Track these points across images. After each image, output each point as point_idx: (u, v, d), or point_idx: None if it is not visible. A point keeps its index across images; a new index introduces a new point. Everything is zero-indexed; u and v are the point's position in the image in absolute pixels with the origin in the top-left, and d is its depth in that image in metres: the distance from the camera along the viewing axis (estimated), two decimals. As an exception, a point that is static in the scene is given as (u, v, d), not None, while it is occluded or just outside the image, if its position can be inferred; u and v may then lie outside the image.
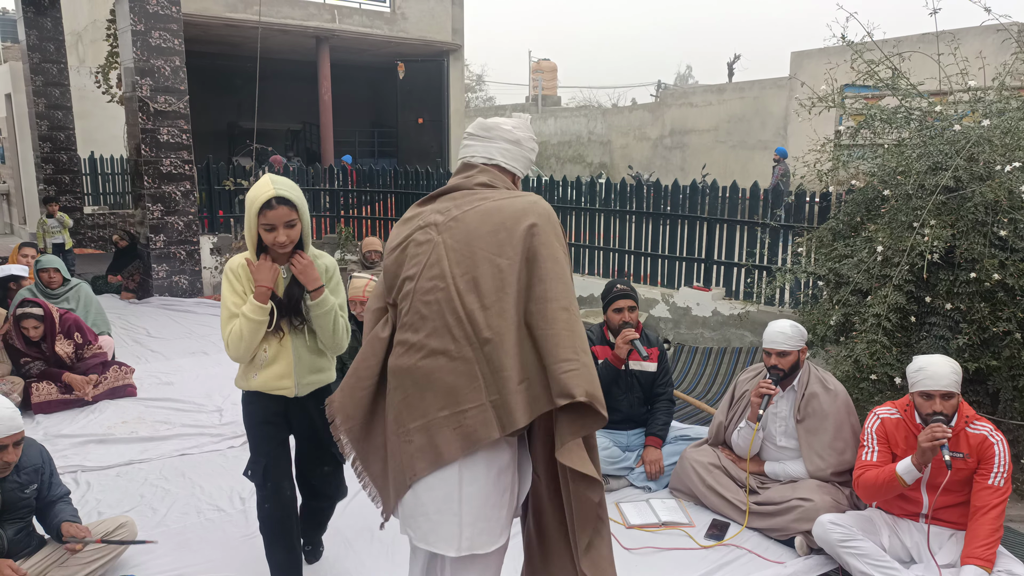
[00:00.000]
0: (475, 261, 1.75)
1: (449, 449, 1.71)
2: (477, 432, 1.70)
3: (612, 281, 3.66)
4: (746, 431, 3.14)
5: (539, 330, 1.67)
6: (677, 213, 5.78)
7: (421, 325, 1.76)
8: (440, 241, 1.79)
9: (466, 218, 1.79)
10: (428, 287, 1.77)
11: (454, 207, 1.83)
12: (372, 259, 6.14)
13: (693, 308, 5.50)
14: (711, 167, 15.95)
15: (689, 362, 5.30)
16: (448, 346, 1.73)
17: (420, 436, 1.74)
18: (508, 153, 1.92)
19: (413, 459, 1.73)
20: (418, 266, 1.79)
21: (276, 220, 2.18)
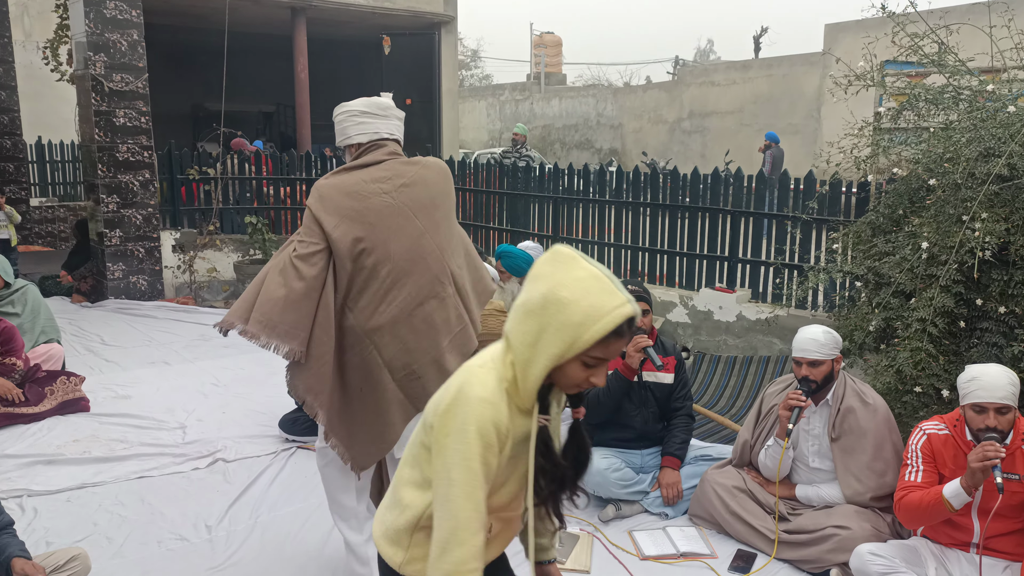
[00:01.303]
0: (435, 217, 2.45)
1: (454, 369, 2.31)
2: (467, 346, 2.47)
3: (623, 281, 3.66)
4: (774, 450, 3.14)
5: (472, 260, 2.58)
6: (697, 205, 5.79)
7: (406, 280, 2.35)
8: (401, 204, 2.42)
9: (413, 183, 2.46)
10: (407, 245, 2.37)
11: (395, 175, 2.44)
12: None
13: (715, 312, 5.51)
14: (735, 153, 15.97)
15: (710, 373, 5.30)
16: (438, 290, 2.39)
17: (431, 369, 2.37)
18: (399, 128, 2.58)
19: (425, 390, 2.35)
20: (386, 230, 2.35)
21: (616, 352, 1.47)
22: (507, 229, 7.13)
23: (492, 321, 3.72)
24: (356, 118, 2.50)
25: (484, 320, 3.75)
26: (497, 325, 3.73)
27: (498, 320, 3.74)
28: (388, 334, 2.36)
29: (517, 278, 5.33)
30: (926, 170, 3.73)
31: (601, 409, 3.53)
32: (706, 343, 5.58)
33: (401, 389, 2.40)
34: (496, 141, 24.61)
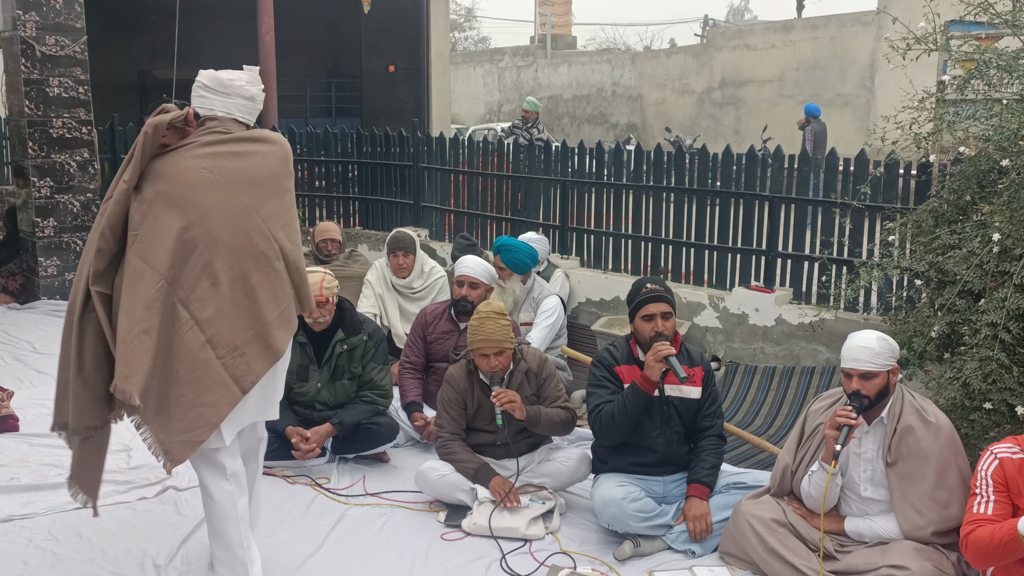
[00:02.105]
0: (262, 192, 2.80)
1: (281, 344, 2.80)
2: (293, 322, 2.85)
3: (641, 279, 3.67)
4: (820, 477, 3.14)
5: None
6: (730, 190, 5.79)
7: (228, 253, 2.72)
8: (224, 178, 2.76)
9: (241, 160, 2.80)
10: (228, 218, 2.73)
11: (218, 152, 2.79)
12: (328, 250, 6.16)
13: (750, 315, 5.51)
14: (774, 129, 15.97)
15: (745, 386, 5.30)
16: (263, 264, 2.77)
17: (253, 345, 2.75)
18: (244, 108, 2.88)
19: (251, 366, 2.73)
20: (205, 203, 2.71)
21: None
22: (506, 218, 7.13)
23: (490, 325, 3.72)
24: (198, 90, 2.86)
25: (481, 324, 3.73)
26: (497, 330, 3.73)
27: (497, 324, 3.73)
28: (210, 308, 2.68)
29: (519, 275, 5.33)
30: (998, 149, 3.72)
31: (616, 429, 3.53)
32: (740, 351, 5.58)
33: (225, 368, 2.70)
34: (494, 115, 24.63)
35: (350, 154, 8.60)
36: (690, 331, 5.71)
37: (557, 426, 3.84)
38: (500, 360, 3.76)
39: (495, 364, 3.75)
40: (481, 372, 3.84)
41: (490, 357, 3.75)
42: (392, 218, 8.25)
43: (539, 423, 3.78)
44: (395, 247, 5.53)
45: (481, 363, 3.79)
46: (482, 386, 3.85)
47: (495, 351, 3.74)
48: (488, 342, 3.73)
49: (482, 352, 3.75)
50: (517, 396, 3.70)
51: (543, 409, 3.81)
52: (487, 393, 3.78)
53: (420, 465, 3.92)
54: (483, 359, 3.77)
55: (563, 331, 5.46)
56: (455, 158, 7.66)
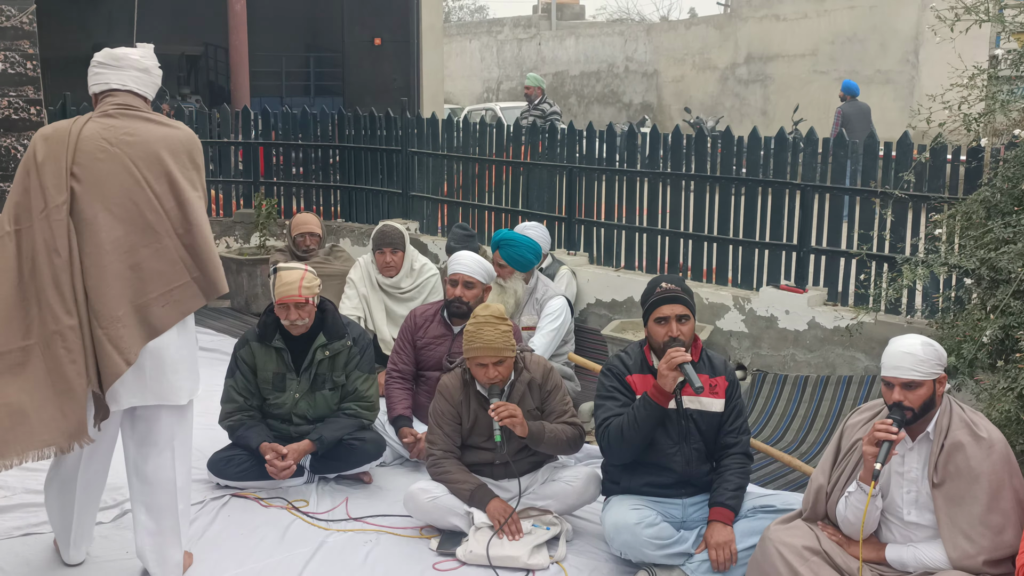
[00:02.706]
0: (164, 168, 3.17)
1: (163, 322, 3.15)
2: (186, 304, 3.19)
3: (657, 278, 3.66)
4: (857, 499, 3.15)
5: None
6: (757, 178, 5.78)
7: (116, 225, 3.09)
8: (121, 154, 3.12)
9: (141, 135, 3.18)
10: (119, 192, 3.11)
11: (119, 126, 3.17)
12: (306, 244, 6.16)
13: (780, 318, 5.51)
14: (807, 109, 15.98)
15: (774, 398, 5.30)
16: (151, 239, 3.12)
17: (131, 318, 3.09)
18: (140, 80, 3.27)
19: (128, 340, 3.07)
20: (98, 175, 3.09)
21: None
22: (506, 209, 7.13)
23: (489, 331, 3.71)
24: (94, 69, 3.25)
25: (478, 330, 3.73)
26: (496, 337, 3.72)
27: (496, 330, 3.72)
28: (95, 277, 3.05)
29: (521, 273, 5.33)
30: (1057, 131, 3.72)
31: (625, 445, 3.53)
32: (768, 359, 5.58)
33: (109, 340, 3.05)
34: (493, 93, 24.63)
35: (331, 137, 8.60)
36: (712, 336, 5.71)
37: (563, 444, 3.84)
38: (500, 370, 3.76)
39: (494, 375, 3.74)
40: (478, 383, 3.84)
41: (489, 367, 3.74)
42: (378, 209, 8.26)
43: (542, 441, 3.77)
44: (381, 243, 5.53)
45: (478, 373, 3.78)
46: (479, 398, 3.85)
47: (494, 360, 3.73)
48: (487, 350, 3.72)
49: (479, 361, 3.74)
50: (518, 410, 3.70)
51: (547, 425, 3.81)
52: (485, 406, 3.78)
53: (409, 486, 3.93)
54: (481, 369, 3.76)
55: (570, 336, 5.47)
56: (449, 142, 7.66)
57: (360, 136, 8.37)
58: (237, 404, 4.27)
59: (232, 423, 4.25)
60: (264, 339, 4.27)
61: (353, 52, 16.57)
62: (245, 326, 6.51)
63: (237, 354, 4.31)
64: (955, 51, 4.93)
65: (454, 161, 7.62)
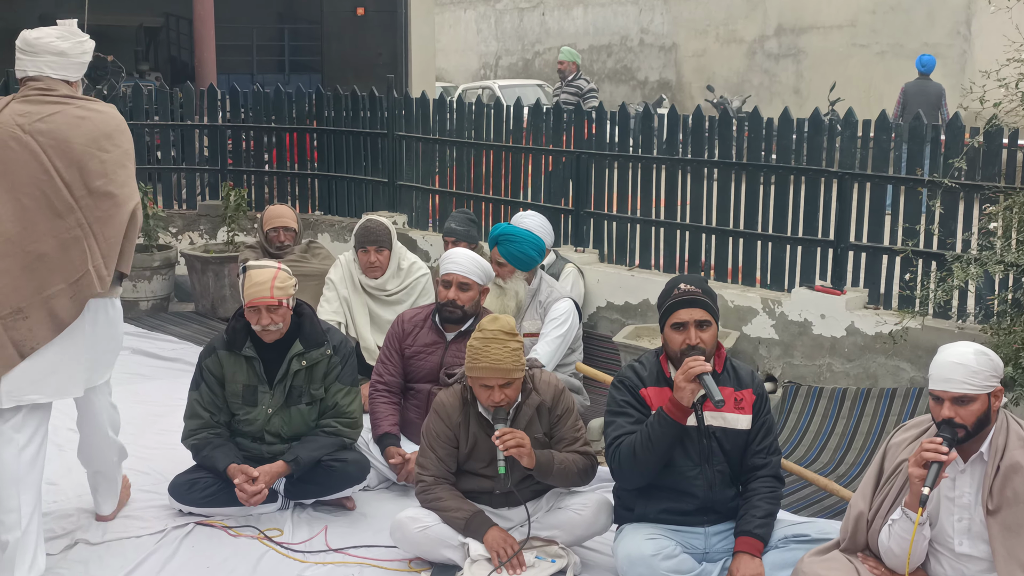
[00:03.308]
0: (77, 155, 3.47)
1: (68, 314, 3.48)
2: (85, 293, 3.49)
3: (675, 279, 3.66)
4: (903, 527, 3.14)
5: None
6: (788, 165, 5.78)
7: (22, 215, 3.42)
8: (32, 141, 3.44)
9: (55, 121, 3.47)
10: (28, 181, 3.43)
11: (35, 112, 3.48)
12: (279, 240, 6.15)
13: (814, 323, 5.51)
14: (845, 87, 15.97)
15: (807, 413, 5.29)
16: (59, 230, 3.44)
17: (37, 311, 3.42)
18: (56, 64, 3.56)
19: (31, 332, 3.42)
20: (7, 163, 3.40)
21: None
22: (505, 201, 7.13)
23: (497, 350, 3.53)
24: (17, 54, 3.55)
25: (485, 347, 3.65)
26: (506, 356, 3.58)
27: (506, 348, 3.58)
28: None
29: (523, 272, 5.31)
30: None
31: (638, 467, 3.52)
32: (801, 369, 5.57)
33: (5, 331, 3.39)
34: (491, 70, 24.63)
35: (308, 120, 8.60)
36: (738, 343, 5.71)
37: (573, 476, 3.83)
38: (507, 393, 3.72)
39: (500, 398, 3.70)
40: (480, 404, 3.81)
41: (495, 389, 3.69)
42: (361, 201, 8.26)
43: (551, 473, 3.76)
44: (364, 240, 5.51)
45: (482, 395, 3.74)
46: (481, 421, 3.82)
47: (502, 382, 3.69)
48: (493, 371, 3.66)
49: (484, 383, 3.70)
50: (527, 439, 3.67)
51: (557, 455, 3.79)
52: (487, 430, 3.75)
53: (397, 514, 3.92)
54: (484, 391, 3.72)
55: (578, 344, 5.46)
56: (441, 125, 7.66)
57: (341, 118, 8.37)
58: (202, 420, 4.26)
59: (196, 442, 4.24)
60: (233, 347, 4.26)
61: (333, 23, 16.54)
62: (211, 333, 6.50)
63: (202, 364, 4.31)
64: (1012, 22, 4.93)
65: (447, 146, 7.62)
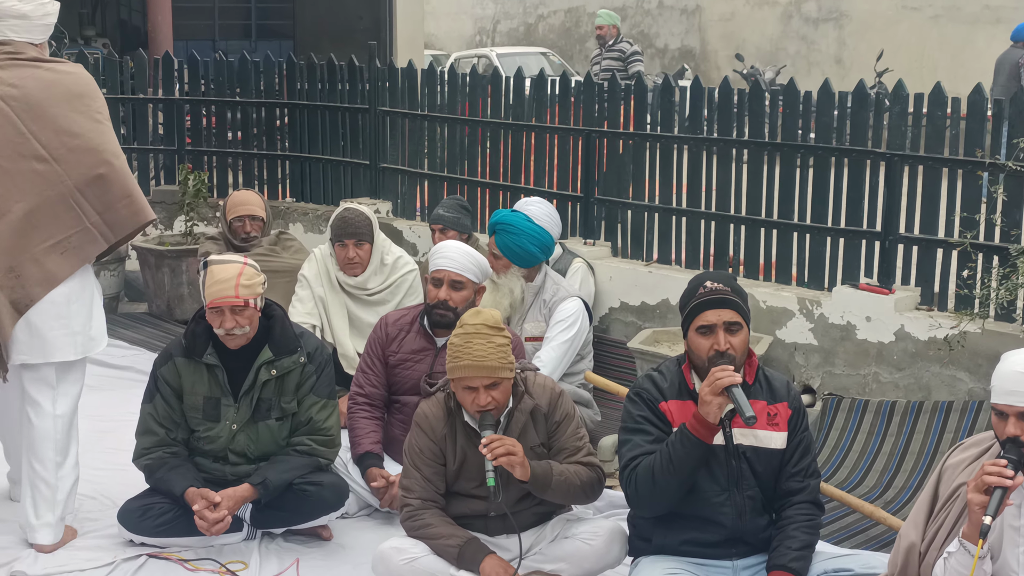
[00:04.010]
0: (51, 116, 4.04)
1: (61, 270, 4.06)
2: (85, 250, 4.13)
3: (700, 275, 3.65)
4: (961, 560, 3.14)
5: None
6: (829, 145, 5.77)
7: (2, 178, 3.97)
8: (5, 107, 3.99)
9: (26, 85, 4.03)
10: (5, 146, 3.97)
11: (4, 76, 4.01)
12: (245, 231, 6.14)
13: (859, 326, 5.50)
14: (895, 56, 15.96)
15: (850, 430, 5.28)
16: (44, 190, 4.01)
17: (30, 267, 4.01)
18: (20, 28, 4.07)
19: (25, 290, 4.00)
20: None
21: None
22: (504, 186, 7.12)
23: (480, 345, 3.60)
24: None
25: (466, 343, 3.70)
26: (490, 352, 3.66)
27: (490, 344, 3.65)
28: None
29: (522, 269, 5.30)
30: None
31: (658, 492, 3.52)
32: (843, 379, 5.57)
33: (1, 289, 3.97)
34: (487, 36, 24.63)
35: (278, 93, 8.59)
36: (771, 350, 5.71)
37: (576, 491, 3.84)
38: (494, 395, 3.74)
39: (486, 401, 3.73)
40: (466, 411, 3.83)
41: (479, 391, 3.71)
42: (339, 186, 8.26)
43: (549, 486, 3.77)
44: (342, 232, 5.50)
45: (466, 399, 3.77)
46: (468, 432, 3.84)
47: (487, 382, 3.71)
48: (476, 369, 3.69)
49: (468, 384, 3.73)
50: (518, 446, 3.69)
51: (556, 466, 3.80)
52: (475, 442, 3.77)
53: (380, 544, 3.92)
54: (468, 393, 3.74)
55: (587, 350, 5.46)
56: (431, 99, 7.66)
57: (316, 91, 8.37)
58: (157, 438, 4.26)
59: (150, 462, 4.24)
60: (192, 354, 4.26)
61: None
62: (167, 337, 6.50)
63: (157, 373, 4.31)
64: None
65: (437, 124, 7.62)
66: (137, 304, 7.79)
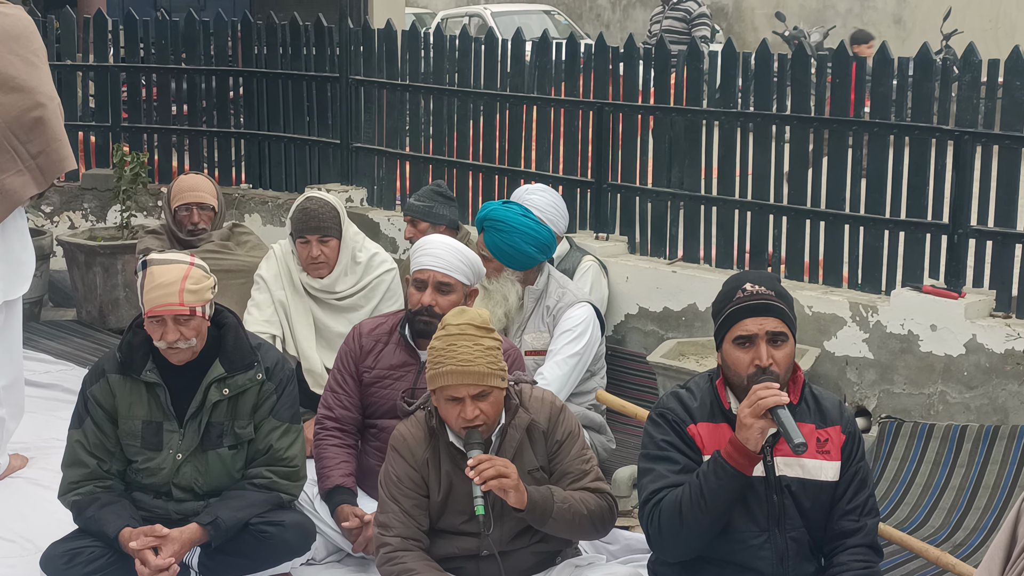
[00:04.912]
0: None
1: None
2: (18, 193, 4.86)
3: (737, 277, 3.66)
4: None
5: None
6: (887, 121, 5.78)
7: None
8: None
9: None
10: None
11: None
12: (192, 222, 6.14)
13: (922, 336, 5.51)
14: (963, 15, 15.98)
15: (913, 460, 5.28)
16: None
17: None
18: None
19: None
20: None
21: None
22: (499, 169, 7.13)
23: (466, 348, 3.62)
24: None
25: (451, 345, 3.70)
26: (477, 355, 3.63)
27: (477, 347, 3.65)
28: None
29: (516, 272, 5.28)
30: None
31: (686, 532, 3.53)
32: (904, 399, 5.58)
33: None
34: (480, -8, 24.62)
35: (231, 59, 8.60)
36: (818, 364, 5.72)
37: (583, 522, 3.84)
38: (483, 408, 3.73)
39: (474, 414, 3.72)
40: (451, 430, 3.83)
41: (465, 403, 3.71)
42: (304, 170, 8.26)
43: (550, 515, 3.77)
44: (304, 227, 5.48)
45: (450, 413, 3.76)
46: (454, 454, 3.85)
47: (475, 391, 3.71)
48: (462, 376, 3.68)
49: (451, 394, 3.72)
50: (511, 467, 3.69)
51: (558, 492, 3.81)
52: (463, 465, 3.77)
53: (352, 596, 3.94)
54: (453, 406, 3.74)
55: (599, 366, 5.46)
56: (413, 66, 7.66)
57: (276, 57, 8.37)
58: (87, 470, 4.26)
59: (79, 498, 4.24)
60: (129, 370, 4.26)
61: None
62: (100, 350, 6.51)
63: (88, 393, 4.31)
64: None
65: (421, 95, 7.62)
66: (64, 310, 7.79)
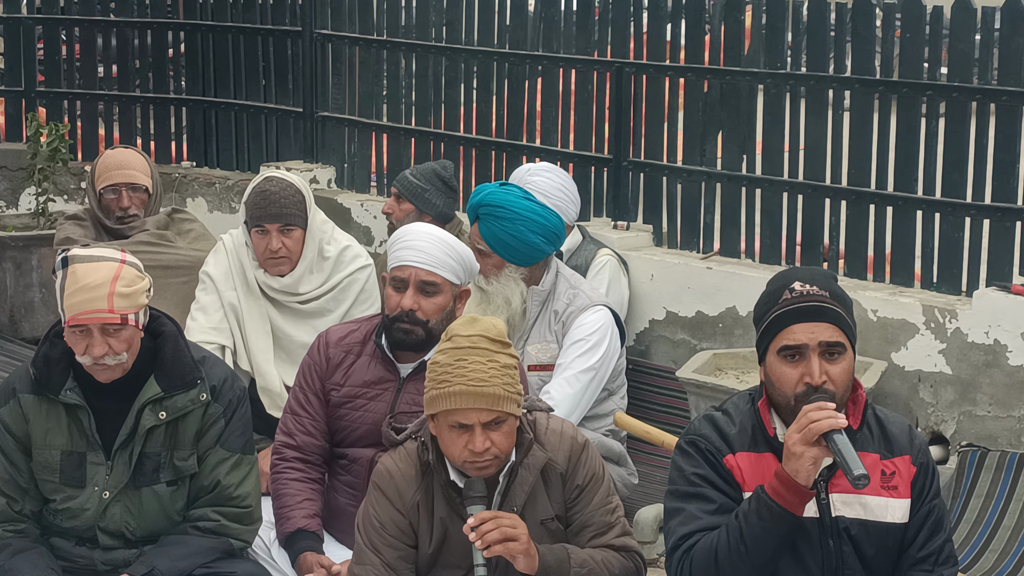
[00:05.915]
0: None
1: None
2: None
3: (784, 274, 3.66)
4: None
5: None
6: (968, 84, 5.77)
7: None
8: None
9: None
10: None
11: None
12: (121, 207, 6.13)
13: (1011, 348, 5.51)
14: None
15: (999, 497, 5.28)
16: None
17: None
18: None
19: None
20: None
21: None
22: (497, 143, 7.15)
23: (478, 363, 3.63)
24: None
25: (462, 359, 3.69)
26: (493, 375, 3.60)
27: (492, 364, 3.64)
28: None
29: (520, 268, 5.28)
30: None
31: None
32: (989, 423, 5.59)
33: None
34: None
35: (171, 10, 8.62)
36: (884, 381, 5.73)
37: None
38: (495, 439, 3.71)
39: (484, 446, 3.69)
40: (451, 465, 3.83)
41: (475, 431, 3.68)
42: (259, 144, 8.28)
43: None
44: (263, 214, 5.48)
45: (454, 445, 3.74)
46: (451, 495, 3.86)
47: (487, 418, 3.68)
48: (473, 398, 3.66)
49: (459, 420, 3.70)
50: (520, 525, 3.69)
51: (576, 552, 3.81)
52: (462, 512, 3.77)
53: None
54: (459, 436, 3.71)
55: (618, 383, 5.47)
56: (391, 19, 7.68)
57: (226, 8, 8.39)
58: (-5, 510, 4.28)
59: (-15, 544, 4.26)
60: (45, 389, 4.26)
61: None
62: (10, 364, 6.53)
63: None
64: None
65: (401, 54, 7.64)
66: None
